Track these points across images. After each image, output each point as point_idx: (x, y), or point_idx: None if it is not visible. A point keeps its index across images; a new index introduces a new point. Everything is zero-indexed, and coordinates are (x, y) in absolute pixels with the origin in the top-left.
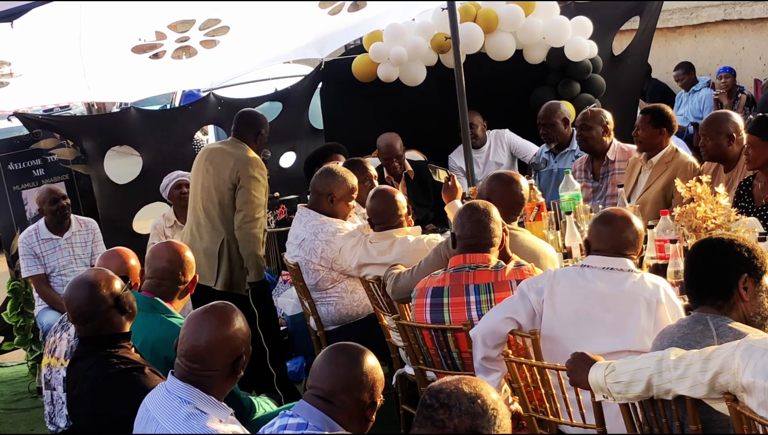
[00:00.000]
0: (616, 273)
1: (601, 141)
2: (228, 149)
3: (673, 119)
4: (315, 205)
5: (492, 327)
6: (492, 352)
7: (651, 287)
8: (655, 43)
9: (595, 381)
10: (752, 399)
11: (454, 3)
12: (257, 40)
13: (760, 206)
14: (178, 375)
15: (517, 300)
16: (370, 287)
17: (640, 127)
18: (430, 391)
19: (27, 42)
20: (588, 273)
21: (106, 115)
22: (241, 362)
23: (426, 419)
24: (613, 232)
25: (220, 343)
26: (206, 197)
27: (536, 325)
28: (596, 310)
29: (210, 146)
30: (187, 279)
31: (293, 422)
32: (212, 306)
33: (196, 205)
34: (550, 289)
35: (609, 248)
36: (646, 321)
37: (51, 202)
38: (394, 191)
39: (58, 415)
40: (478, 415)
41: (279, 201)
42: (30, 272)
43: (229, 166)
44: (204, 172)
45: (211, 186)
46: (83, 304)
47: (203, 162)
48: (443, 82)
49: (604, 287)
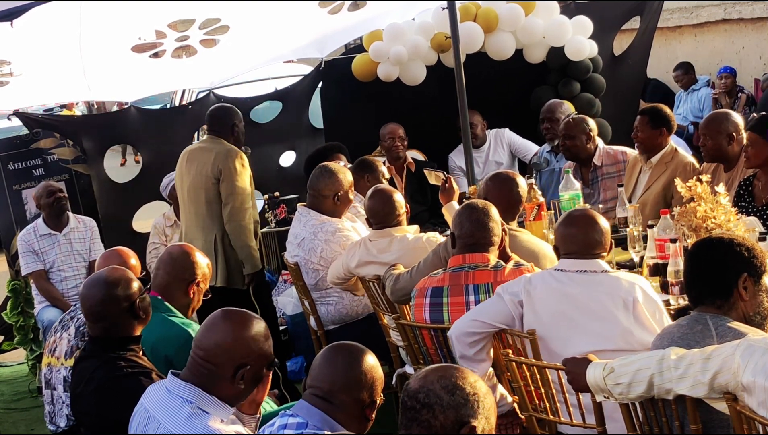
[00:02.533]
0: (589, 275)
1: (585, 148)
2: (206, 146)
3: (671, 118)
4: (315, 205)
5: (463, 328)
6: (467, 350)
7: (626, 286)
8: (655, 43)
9: (594, 381)
10: (752, 398)
11: (454, 2)
12: (257, 40)
13: (760, 206)
14: (186, 367)
15: (493, 301)
16: (370, 287)
17: (638, 128)
18: (408, 392)
19: (27, 41)
20: (562, 277)
21: (106, 115)
22: (244, 372)
23: (411, 421)
24: (579, 233)
25: (231, 340)
26: (193, 197)
27: (515, 326)
28: (574, 313)
29: (188, 148)
30: (191, 280)
31: (293, 422)
32: (240, 309)
33: (186, 209)
34: (527, 295)
35: (578, 251)
36: (625, 319)
37: (47, 195)
38: (392, 190)
39: (58, 414)
40: (461, 405)
41: (279, 201)
42: (29, 269)
43: (209, 162)
44: (186, 174)
45: (196, 185)
46: (98, 302)
47: (184, 164)
48: (443, 81)
49: (580, 290)
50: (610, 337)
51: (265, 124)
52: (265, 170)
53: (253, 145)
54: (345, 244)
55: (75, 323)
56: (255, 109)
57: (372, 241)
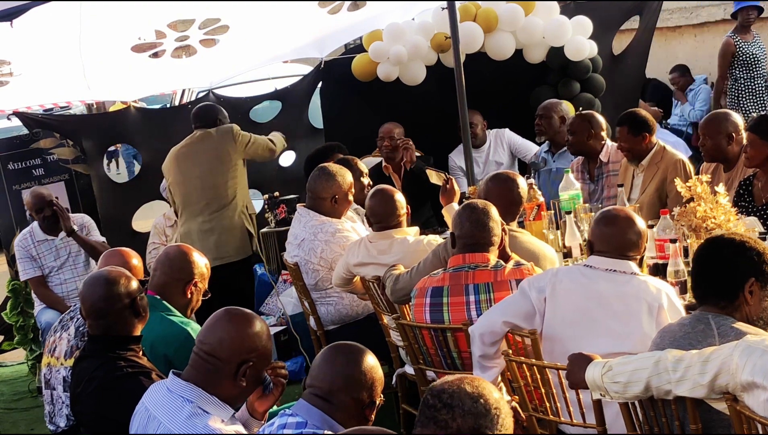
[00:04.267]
0: (618, 275)
1: (588, 145)
2: (197, 141)
3: (649, 120)
4: (314, 206)
5: (490, 326)
6: (489, 349)
7: (654, 291)
8: (655, 43)
9: (591, 379)
10: (752, 398)
11: (454, 2)
12: (257, 40)
13: (760, 206)
14: (188, 364)
15: (517, 298)
16: (371, 287)
17: (621, 139)
18: (433, 391)
19: (27, 41)
20: (590, 273)
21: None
22: (246, 368)
23: (429, 419)
24: (615, 233)
25: (234, 336)
26: (201, 188)
27: (535, 324)
28: (598, 310)
29: (174, 151)
30: (189, 280)
31: (292, 421)
32: (244, 309)
33: (190, 200)
34: (552, 288)
35: (612, 250)
36: (648, 324)
37: (37, 210)
38: (393, 191)
39: (58, 414)
40: (481, 415)
41: (279, 201)
42: (27, 275)
43: (214, 147)
44: (184, 173)
45: (204, 175)
46: (99, 299)
47: (180, 165)
48: (443, 81)
49: (607, 288)
50: (629, 340)
51: (265, 123)
52: (265, 170)
53: None
54: (345, 245)
55: (75, 323)
56: (255, 109)
57: (372, 242)
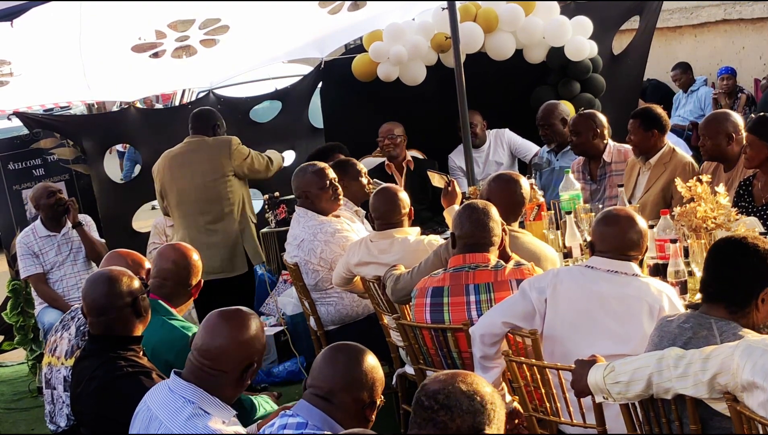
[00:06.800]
0: (619, 276)
1: (592, 145)
2: (195, 148)
3: (662, 118)
4: (305, 205)
5: (490, 327)
6: (489, 350)
7: (655, 293)
8: (655, 43)
9: (594, 382)
10: (752, 398)
11: (454, 2)
12: (257, 40)
13: (760, 206)
14: (187, 370)
15: (517, 299)
16: (371, 287)
17: (631, 132)
18: (426, 392)
19: (27, 41)
20: (591, 274)
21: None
22: (251, 370)
23: (426, 421)
24: (616, 233)
25: (236, 346)
26: (195, 195)
27: (536, 324)
28: (599, 311)
29: (170, 154)
30: (191, 282)
31: (293, 421)
32: (236, 309)
33: (186, 211)
34: (552, 289)
35: (613, 250)
36: (648, 326)
37: (48, 195)
38: (397, 189)
39: (58, 414)
40: (479, 412)
41: (279, 201)
42: (28, 272)
43: (208, 157)
44: (180, 178)
45: (198, 186)
46: (100, 296)
47: (173, 170)
48: (443, 81)
49: (608, 289)
50: (629, 341)
51: (265, 123)
52: None
53: (252, 145)
54: (344, 245)
55: (75, 323)
56: (255, 109)
57: (373, 242)
